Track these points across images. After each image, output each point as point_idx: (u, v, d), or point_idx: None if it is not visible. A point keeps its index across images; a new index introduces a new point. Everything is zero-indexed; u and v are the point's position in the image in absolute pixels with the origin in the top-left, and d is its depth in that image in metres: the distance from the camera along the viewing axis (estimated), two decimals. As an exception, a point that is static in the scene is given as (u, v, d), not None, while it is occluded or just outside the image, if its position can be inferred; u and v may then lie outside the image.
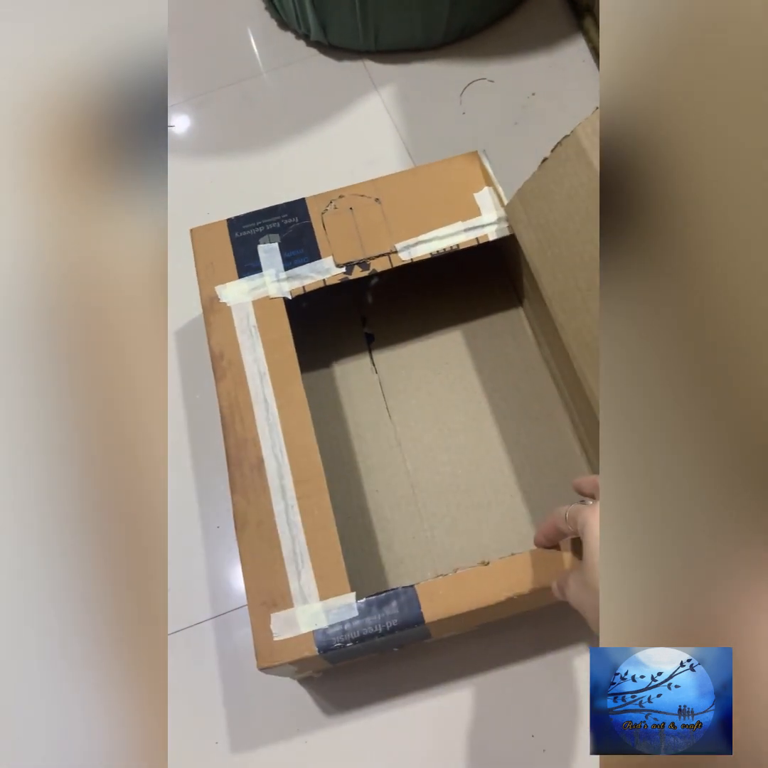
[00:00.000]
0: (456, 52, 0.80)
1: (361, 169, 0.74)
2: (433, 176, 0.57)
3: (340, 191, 0.57)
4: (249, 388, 0.50)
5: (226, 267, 0.55)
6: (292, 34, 0.86)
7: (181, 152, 0.79)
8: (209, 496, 0.58)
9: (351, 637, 0.41)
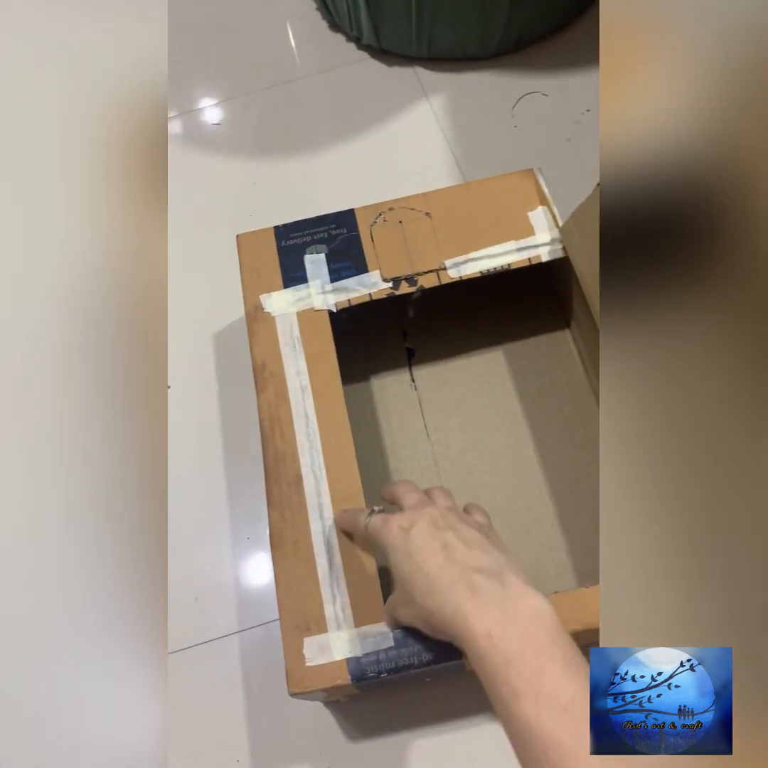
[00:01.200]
0: (510, 63, 0.79)
1: (409, 178, 0.72)
2: (487, 192, 0.56)
3: (389, 203, 0.56)
4: (290, 401, 0.49)
5: (272, 276, 0.54)
6: (343, 36, 0.85)
7: (226, 151, 0.79)
8: (241, 505, 0.58)
9: (385, 668, 0.40)
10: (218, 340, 0.65)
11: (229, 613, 0.54)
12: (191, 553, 0.56)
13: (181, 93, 0.84)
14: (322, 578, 0.43)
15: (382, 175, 0.74)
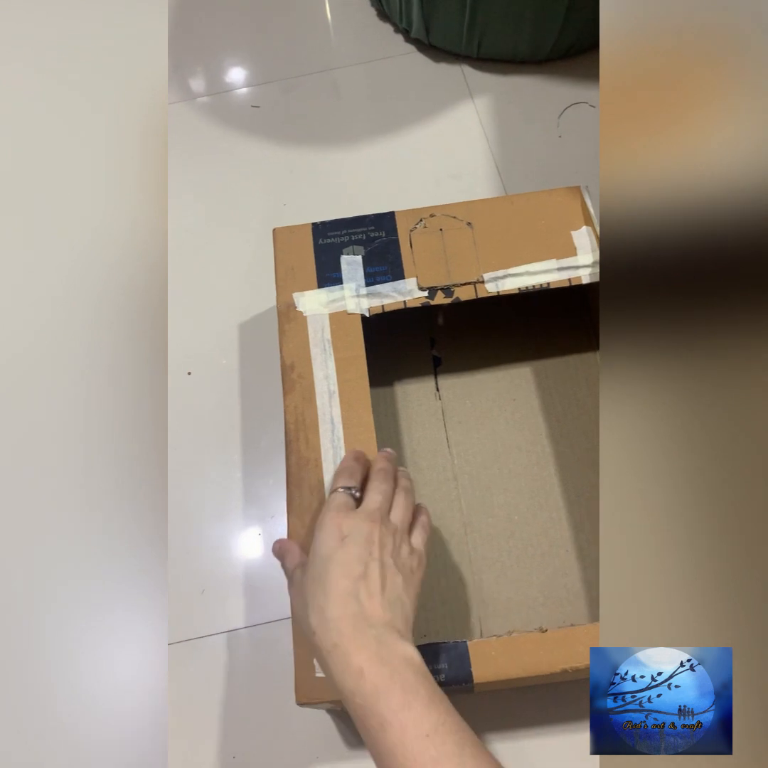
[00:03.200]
0: (559, 70, 0.77)
1: (447, 180, 0.71)
2: (531, 207, 0.55)
3: (431, 209, 0.55)
4: (317, 405, 0.48)
5: (306, 274, 0.53)
6: (392, 27, 0.83)
7: (263, 134, 0.77)
8: (254, 500, 0.57)
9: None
10: (244, 330, 0.65)
11: (236, 608, 0.53)
12: (201, 545, 0.56)
13: (223, 71, 0.83)
14: (337, 589, 0.43)
15: (420, 175, 0.73)
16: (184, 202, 0.73)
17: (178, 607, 0.53)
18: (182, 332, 0.65)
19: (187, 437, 0.60)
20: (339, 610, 0.34)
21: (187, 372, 0.63)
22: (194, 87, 0.82)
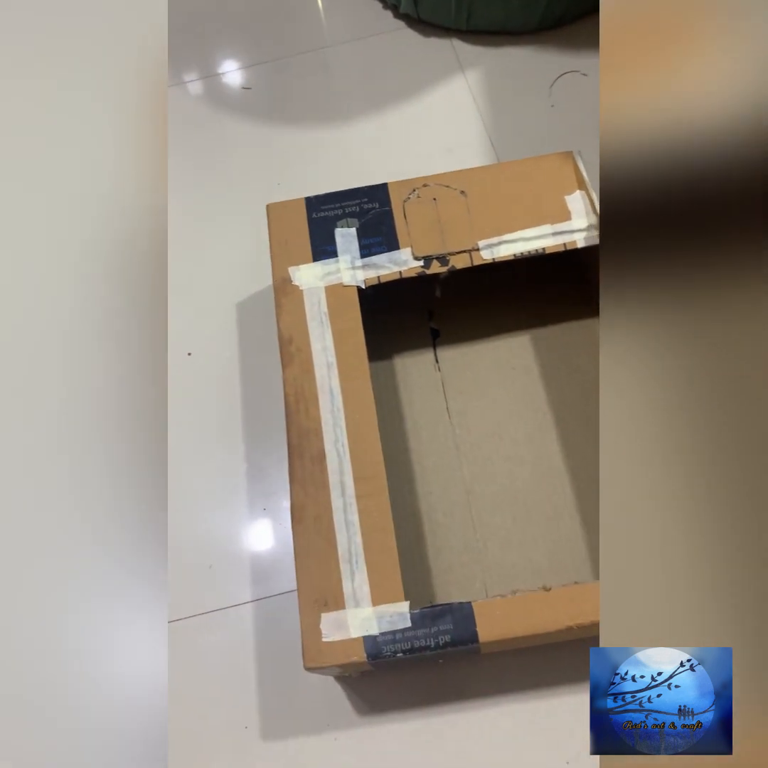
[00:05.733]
0: (550, 39, 0.77)
1: (441, 154, 0.71)
2: (524, 173, 0.54)
3: (423, 179, 0.55)
4: (316, 377, 0.48)
5: (301, 248, 0.53)
6: (380, 3, 0.82)
7: (255, 116, 0.77)
8: (259, 475, 0.58)
9: (401, 648, 0.40)
10: (242, 309, 0.65)
11: (243, 582, 0.54)
12: (207, 521, 0.56)
13: (212, 54, 0.83)
14: (341, 555, 0.43)
15: (413, 150, 0.72)
16: (179, 185, 0.73)
17: (186, 582, 0.54)
18: (181, 313, 0.65)
19: (189, 416, 0.60)
20: None
21: (188, 353, 0.63)
22: (185, 71, 0.82)
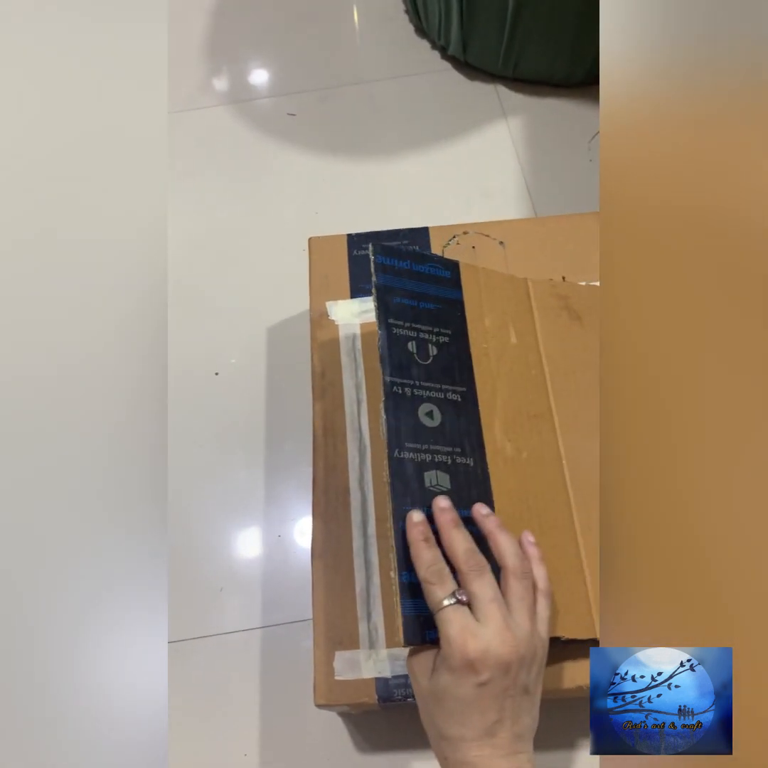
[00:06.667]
0: (593, 94, 0.78)
1: (477, 199, 0.72)
2: (563, 230, 0.56)
3: (464, 226, 0.56)
4: (346, 413, 0.49)
5: (340, 283, 0.54)
6: (429, 43, 0.84)
7: (298, 143, 0.79)
8: (276, 502, 0.58)
9: (412, 693, 0.41)
10: (272, 334, 0.66)
11: (253, 607, 0.54)
12: (221, 543, 0.57)
13: (260, 78, 0.84)
14: (359, 594, 0.44)
15: (451, 191, 0.74)
16: (217, 206, 0.74)
17: (196, 603, 0.54)
18: (211, 333, 0.66)
19: (212, 437, 0.61)
20: (473, 752, 0.32)
21: (215, 372, 0.64)
22: (230, 92, 0.83)
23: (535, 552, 0.38)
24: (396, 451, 0.38)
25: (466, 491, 0.39)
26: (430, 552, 0.35)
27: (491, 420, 0.43)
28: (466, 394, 0.43)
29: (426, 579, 0.34)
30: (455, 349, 0.43)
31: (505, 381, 0.45)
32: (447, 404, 0.41)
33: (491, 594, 0.33)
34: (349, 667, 0.42)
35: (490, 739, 0.32)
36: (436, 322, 0.43)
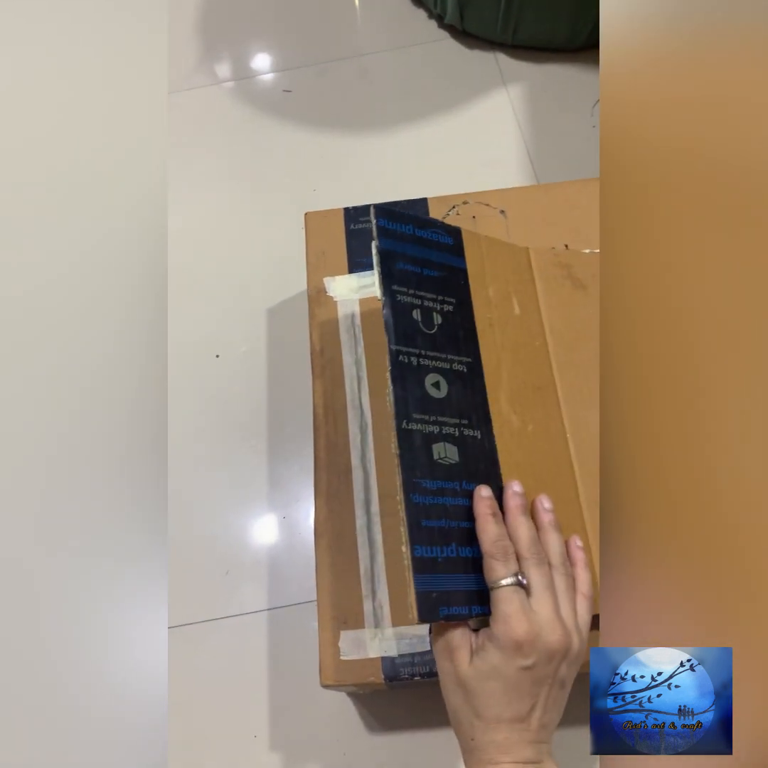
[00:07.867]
0: (595, 58, 0.76)
1: (479, 168, 0.71)
2: (565, 197, 0.54)
3: (463, 196, 0.55)
4: (346, 390, 0.48)
5: (338, 259, 0.53)
6: (425, 12, 0.82)
7: (295, 119, 0.77)
8: (280, 484, 0.58)
9: (419, 671, 0.40)
10: (272, 315, 0.65)
11: (259, 590, 0.54)
12: (226, 526, 0.56)
13: (254, 56, 0.83)
14: (363, 573, 0.43)
15: (451, 163, 0.72)
16: (215, 186, 0.73)
17: (202, 586, 0.54)
18: (211, 315, 0.65)
19: (213, 420, 0.60)
20: (503, 734, 0.32)
21: (216, 355, 0.63)
22: (225, 71, 0.82)
23: (581, 556, 0.37)
24: (404, 422, 0.37)
25: (474, 464, 0.38)
26: (497, 527, 0.35)
27: (497, 392, 0.42)
28: (472, 365, 0.41)
29: (490, 553, 0.34)
30: (459, 318, 0.42)
31: (509, 352, 0.44)
32: (453, 375, 0.40)
33: (547, 583, 0.34)
34: (354, 646, 0.41)
35: (520, 723, 0.32)
36: (440, 290, 0.42)
